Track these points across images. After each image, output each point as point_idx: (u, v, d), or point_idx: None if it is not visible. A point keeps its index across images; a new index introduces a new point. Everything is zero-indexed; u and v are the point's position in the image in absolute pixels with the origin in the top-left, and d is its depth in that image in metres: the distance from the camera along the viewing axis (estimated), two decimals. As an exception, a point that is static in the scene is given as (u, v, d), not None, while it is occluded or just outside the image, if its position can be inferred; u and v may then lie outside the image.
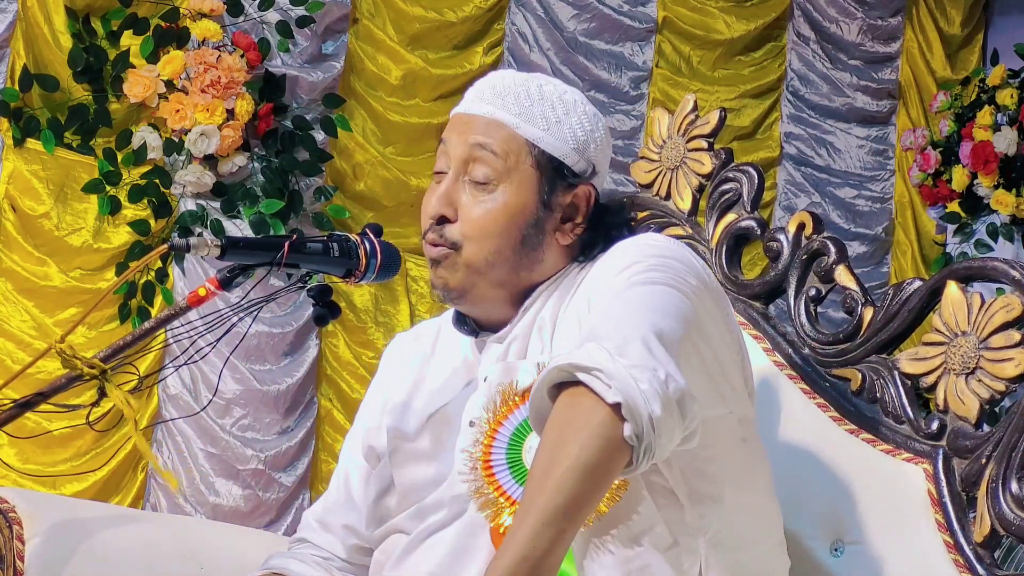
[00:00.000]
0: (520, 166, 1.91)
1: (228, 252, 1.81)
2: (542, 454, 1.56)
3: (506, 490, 1.79)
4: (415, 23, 5.26)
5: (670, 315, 1.69)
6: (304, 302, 4.77)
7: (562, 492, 1.53)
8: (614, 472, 1.57)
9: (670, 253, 1.82)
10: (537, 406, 1.64)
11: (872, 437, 2.15)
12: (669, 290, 1.73)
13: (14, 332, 4.50)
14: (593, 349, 1.58)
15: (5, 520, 2.11)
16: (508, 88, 1.95)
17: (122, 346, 1.82)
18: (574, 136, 1.94)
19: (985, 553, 2.00)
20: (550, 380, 1.61)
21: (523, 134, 1.92)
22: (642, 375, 1.57)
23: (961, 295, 2.07)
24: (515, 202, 1.91)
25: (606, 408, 1.55)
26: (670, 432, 1.59)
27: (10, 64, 4.58)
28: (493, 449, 1.81)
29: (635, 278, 1.75)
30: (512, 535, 1.52)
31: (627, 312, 1.68)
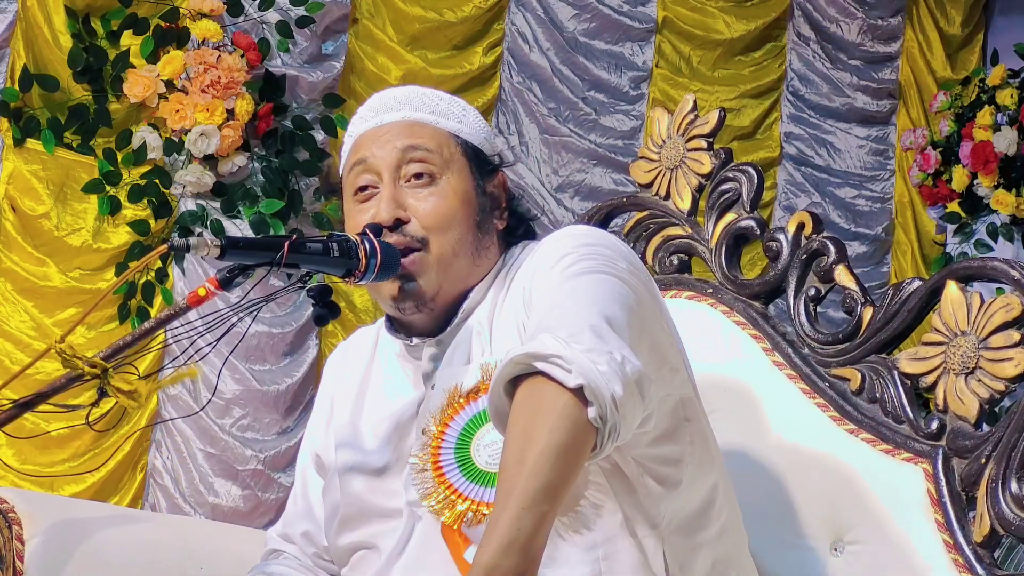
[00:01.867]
0: (454, 156, 1.95)
1: (228, 252, 1.81)
2: (511, 443, 1.56)
3: (456, 487, 1.80)
4: (415, 23, 5.26)
5: (614, 301, 1.70)
6: (304, 302, 4.77)
7: (539, 475, 1.53)
8: (584, 454, 1.58)
9: (598, 241, 1.83)
10: (496, 404, 1.64)
11: (872, 437, 2.15)
12: (608, 278, 1.74)
13: (14, 332, 4.50)
14: (547, 339, 1.59)
15: (5, 520, 2.11)
16: (408, 95, 1.98)
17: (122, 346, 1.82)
18: (481, 127, 2.00)
19: (985, 553, 2.00)
20: (507, 375, 1.61)
21: (444, 127, 1.95)
22: (600, 358, 1.57)
23: (961, 295, 2.08)
24: (461, 188, 1.94)
25: (568, 393, 1.56)
26: (633, 412, 1.60)
27: (10, 64, 4.58)
28: (441, 451, 1.82)
29: (572, 268, 1.76)
30: (494, 523, 1.53)
31: (573, 301, 1.69)
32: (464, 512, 1.78)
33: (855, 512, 2.14)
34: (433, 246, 1.90)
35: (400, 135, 1.94)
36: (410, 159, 1.92)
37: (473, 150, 1.97)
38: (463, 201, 1.93)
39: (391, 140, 1.94)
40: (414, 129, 1.94)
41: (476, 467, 1.80)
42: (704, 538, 1.87)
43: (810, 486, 2.18)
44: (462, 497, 1.79)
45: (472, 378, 1.83)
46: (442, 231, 1.91)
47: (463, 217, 1.92)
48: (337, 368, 2.12)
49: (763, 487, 2.18)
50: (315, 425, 2.11)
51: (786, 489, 2.18)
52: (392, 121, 1.95)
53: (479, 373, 1.83)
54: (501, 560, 1.50)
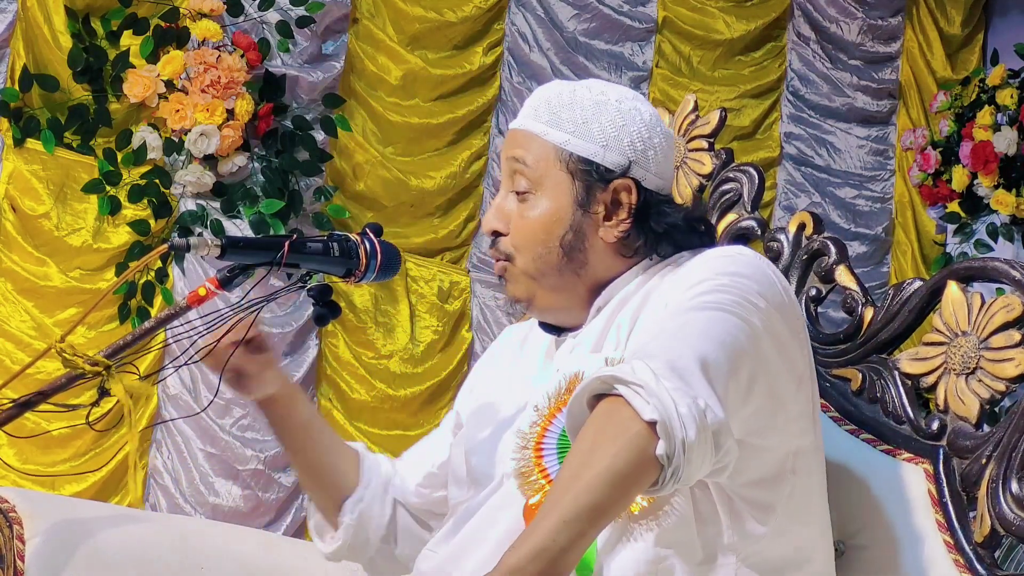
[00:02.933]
0: (550, 172, 1.95)
1: (228, 252, 1.81)
2: (574, 456, 1.59)
3: (550, 473, 1.81)
4: (415, 23, 5.26)
5: (722, 345, 1.70)
6: (304, 302, 4.77)
7: (589, 494, 1.55)
8: (641, 487, 1.59)
9: (747, 271, 1.82)
10: (574, 412, 1.66)
11: (872, 437, 2.15)
12: (729, 317, 1.74)
13: (14, 332, 4.50)
14: (638, 366, 1.61)
15: (5, 520, 2.11)
16: (542, 99, 2.00)
17: (122, 346, 1.82)
18: (604, 134, 1.95)
19: (985, 553, 2.00)
20: (591, 390, 1.64)
21: (550, 140, 1.95)
22: (682, 399, 1.59)
23: (961, 295, 2.07)
24: (550, 208, 1.95)
25: (642, 423, 1.57)
26: (700, 459, 1.61)
27: (10, 64, 4.58)
28: (548, 433, 1.84)
29: (699, 299, 1.76)
30: (534, 526, 1.54)
31: (679, 336, 1.70)
32: None
33: (855, 512, 2.13)
34: (518, 263, 1.96)
35: (514, 144, 1.99)
36: (515, 171, 1.98)
37: (580, 162, 1.95)
38: (548, 221, 1.95)
39: (509, 147, 2.00)
40: (524, 140, 1.98)
41: None
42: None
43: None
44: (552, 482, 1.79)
45: (595, 368, 1.83)
46: (524, 250, 1.96)
47: (545, 238, 1.95)
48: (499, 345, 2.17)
49: (763, 487, 2.17)
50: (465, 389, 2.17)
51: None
52: (516, 127, 2.01)
53: (603, 364, 1.84)
54: (528, 564, 1.52)
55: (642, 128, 1.98)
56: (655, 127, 2.00)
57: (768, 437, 1.79)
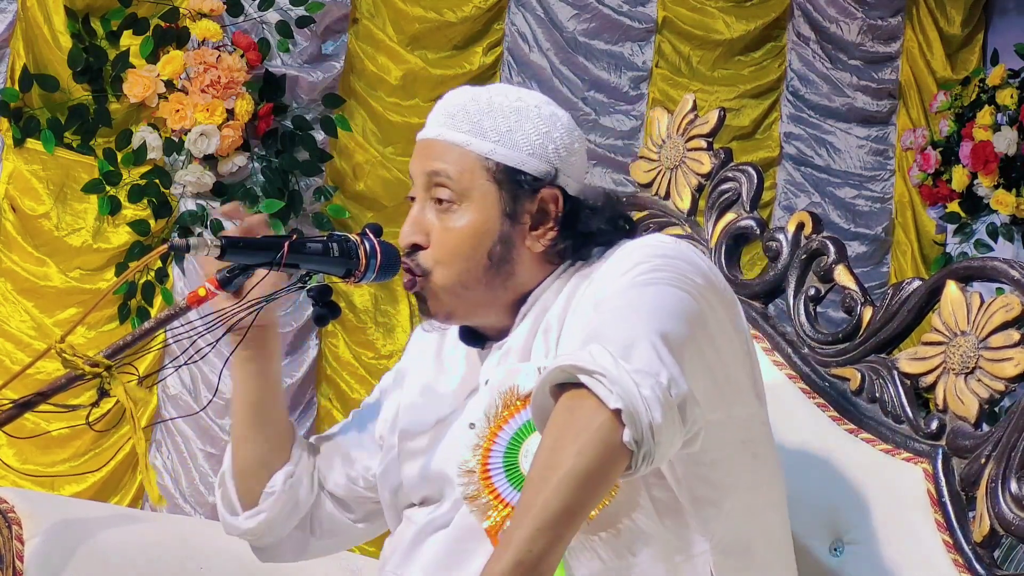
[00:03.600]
0: (476, 183, 1.90)
1: (228, 252, 1.81)
2: (540, 457, 1.56)
3: (501, 494, 1.78)
4: (415, 23, 5.26)
5: (675, 316, 1.68)
6: (304, 302, 4.77)
7: (559, 497, 1.52)
8: (613, 477, 1.57)
9: (675, 253, 1.81)
10: (539, 404, 1.63)
11: (871, 437, 2.15)
12: (674, 290, 1.72)
13: (14, 332, 4.50)
14: (597, 351, 1.58)
15: (5, 520, 2.11)
16: (458, 107, 1.94)
17: (122, 346, 1.82)
18: (528, 142, 1.91)
19: (985, 553, 2.00)
20: (552, 380, 1.61)
21: (474, 150, 1.90)
22: (644, 380, 1.56)
23: (961, 295, 2.07)
24: (477, 220, 1.90)
25: (606, 412, 1.55)
26: (670, 438, 1.59)
27: (10, 64, 4.58)
28: (491, 453, 1.80)
29: (640, 278, 1.75)
30: (508, 539, 1.52)
31: (632, 313, 1.68)
32: (505, 519, 1.76)
33: (855, 512, 2.13)
34: (435, 277, 1.90)
35: (431, 156, 1.92)
36: (434, 183, 1.91)
37: (506, 171, 1.91)
38: (477, 234, 1.90)
39: (424, 158, 1.93)
40: (443, 152, 1.91)
41: (521, 473, 1.78)
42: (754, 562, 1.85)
43: (809, 486, 2.18)
44: (503, 503, 1.77)
45: (530, 380, 1.80)
46: (446, 265, 1.90)
47: (472, 252, 1.89)
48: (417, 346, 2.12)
49: (763, 487, 2.17)
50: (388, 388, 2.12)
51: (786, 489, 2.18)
52: (431, 137, 1.94)
53: (537, 375, 1.79)
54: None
55: (564, 134, 1.95)
56: (573, 131, 1.97)
57: (718, 409, 1.76)
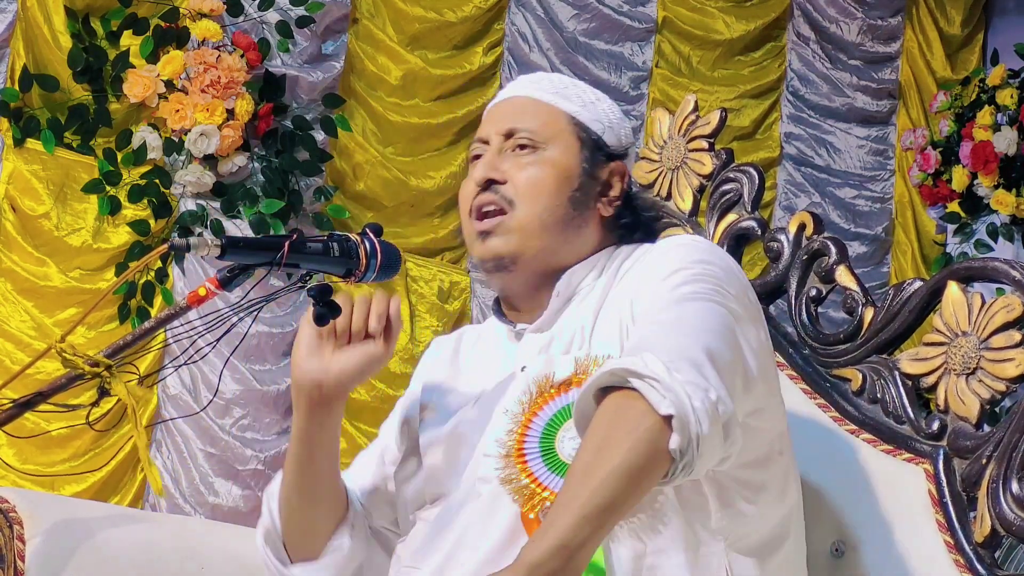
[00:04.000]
0: (561, 133, 1.97)
1: (228, 252, 1.81)
2: (586, 451, 1.58)
3: (538, 478, 1.79)
4: (415, 23, 5.26)
5: (720, 337, 1.71)
6: (304, 302, 4.77)
7: (606, 490, 1.54)
8: (654, 480, 1.59)
9: (713, 259, 1.85)
10: (583, 408, 1.65)
11: (873, 437, 2.15)
12: (717, 308, 1.75)
13: (14, 332, 4.50)
14: (650, 359, 1.60)
15: (6, 520, 2.11)
16: (542, 78, 2.04)
17: (122, 346, 1.82)
18: (607, 117, 2.01)
19: (986, 553, 2.00)
20: (601, 382, 1.63)
21: (561, 107, 1.98)
22: (695, 392, 1.59)
23: (962, 295, 2.07)
24: (562, 162, 1.96)
25: (656, 417, 1.57)
26: (712, 452, 1.61)
27: (10, 64, 4.58)
28: (527, 438, 1.82)
29: (683, 289, 1.77)
30: (551, 523, 1.54)
31: (680, 328, 1.70)
32: (544, 500, 1.77)
33: (856, 513, 2.13)
34: (519, 210, 1.93)
35: (513, 112, 1.98)
36: (517, 128, 1.96)
37: (588, 133, 1.98)
38: (560, 174, 1.95)
39: (504, 115, 1.99)
40: (528, 106, 1.98)
41: (559, 458, 1.80)
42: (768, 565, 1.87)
43: (811, 487, 2.18)
44: (542, 487, 1.78)
45: (566, 369, 1.83)
46: (529, 199, 1.93)
47: (556, 190, 1.94)
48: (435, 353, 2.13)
49: (764, 487, 2.17)
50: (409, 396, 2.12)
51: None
52: (514, 96, 2.00)
53: (573, 366, 1.83)
54: (548, 561, 1.52)
55: (628, 128, 2.05)
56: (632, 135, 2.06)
57: (764, 418, 1.80)
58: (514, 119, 1.97)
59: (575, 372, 1.83)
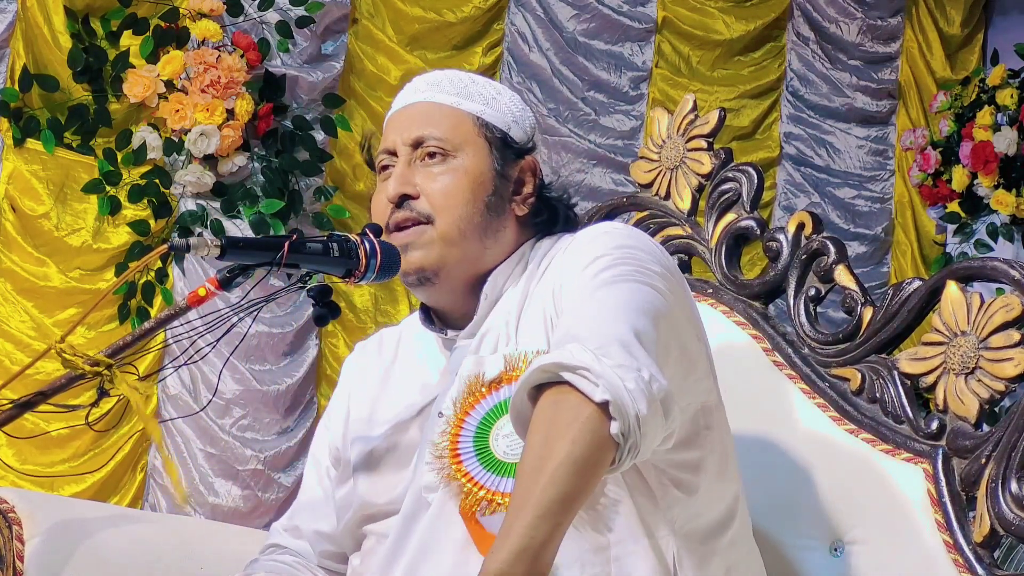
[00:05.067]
0: (469, 137, 1.96)
1: (228, 252, 1.81)
2: (531, 450, 1.57)
3: (474, 476, 1.79)
4: (414, 23, 5.27)
5: (645, 314, 1.70)
6: (304, 302, 4.77)
7: (556, 485, 1.53)
8: (602, 468, 1.58)
9: (633, 242, 1.83)
10: (518, 408, 1.64)
11: (872, 437, 2.15)
12: (640, 287, 1.74)
13: (13, 333, 4.50)
14: (576, 349, 1.59)
15: (5, 520, 2.11)
16: (440, 77, 2.01)
17: (122, 346, 1.82)
18: (511, 110, 2.00)
19: (985, 553, 2.00)
20: (533, 380, 1.61)
21: (465, 108, 1.97)
22: (627, 375, 1.58)
23: (961, 295, 2.08)
24: (474, 168, 1.94)
25: (593, 406, 1.56)
26: (655, 431, 1.60)
27: (10, 64, 4.58)
28: (460, 438, 1.81)
29: (604, 274, 1.76)
30: (508, 528, 1.52)
31: (604, 312, 1.69)
32: (480, 500, 1.77)
33: (855, 512, 2.14)
34: (438, 223, 1.92)
35: (417, 120, 1.96)
36: (424, 137, 1.95)
37: (497, 132, 1.97)
38: (474, 181, 1.94)
39: (410, 123, 1.97)
40: (432, 112, 1.96)
41: (494, 456, 1.79)
42: (718, 545, 1.87)
43: (810, 486, 2.18)
44: (478, 485, 1.78)
45: (495, 367, 1.83)
46: (447, 210, 1.92)
47: (471, 197, 1.93)
48: (356, 364, 2.12)
49: (763, 487, 2.18)
50: (333, 417, 2.11)
51: (786, 489, 2.18)
52: (415, 102, 1.98)
53: (502, 363, 1.83)
54: (511, 567, 1.50)
55: (532, 118, 2.05)
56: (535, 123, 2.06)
57: (683, 397, 1.78)
58: (420, 127, 1.95)
59: (505, 369, 1.82)
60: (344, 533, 2.02)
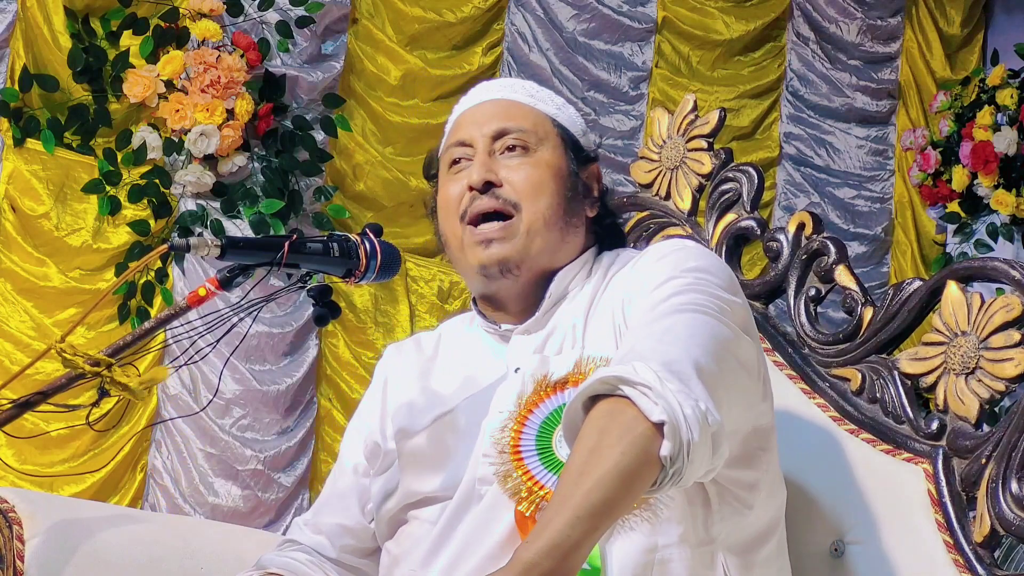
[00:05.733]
0: (549, 134, 1.99)
1: (228, 252, 1.81)
2: (579, 453, 1.58)
3: (535, 475, 1.80)
4: (414, 23, 5.26)
5: (709, 349, 1.71)
6: (304, 302, 4.77)
7: (600, 491, 1.54)
8: (644, 486, 1.59)
9: (705, 263, 1.86)
10: (572, 415, 1.65)
11: (872, 437, 2.15)
12: (708, 320, 1.76)
13: (13, 333, 4.50)
14: (640, 367, 1.61)
15: (5, 520, 2.11)
16: (511, 82, 2.05)
17: (122, 346, 1.82)
18: (578, 121, 2.05)
19: (985, 553, 2.00)
20: (592, 391, 1.63)
21: (541, 109, 2.00)
22: (686, 401, 1.59)
23: (961, 295, 2.07)
24: (555, 163, 1.98)
25: (648, 423, 1.57)
26: (701, 461, 1.61)
27: (10, 64, 4.58)
28: (523, 435, 1.82)
29: (675, 300, 1.78)
30: (546, 523, 1.54)
31: (670, 338, 1.71)
32: (540, 499, 1.78)
33: (855, 512, 2.14)
34: (525, 212, 1.94)
35: (497, 114, 1.99)
36: (506, 130, 1.97)
37: (569, 136, 2.01)
38: (556, 173, 1.96)
39: (489, 118, 1.99)
40: (511, 108, 1.99)
41: (556, 457, 1.80)
42: (759, 557, 1.89)
43: (810, 486, 2.18)
44: (538, 485, 1.79)
45: (563, 368, 1.84)
46: (534, 198, 1.94)
47: (555, 189, 1.96)
48: (392, 362, 2.13)
49: (763, 487, 2.18)
50: (365, 415, 2.12)
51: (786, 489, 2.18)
52: (492, 99, 2.01)
53: (571, 365, 1.84)
54: (542, 560, 1.51)
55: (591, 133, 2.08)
56: None
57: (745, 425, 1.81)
58: (503, 120, 1.98)
59: (573, 371, 1.83)
60: (380, 522, 2.03)
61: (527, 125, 1.98)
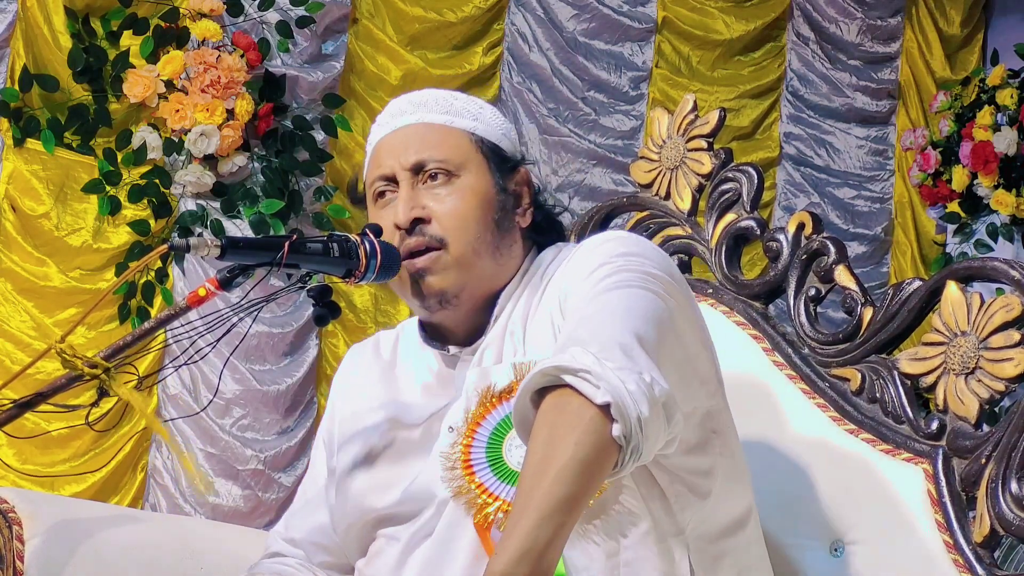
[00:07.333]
0: (469, 154, 1.95)
1: (228, 252, 1.81)
2: (533, 453, 1.56)
3: (487, 487, 1.79)
4: (415, 23, 5.27)
5: (647, 319, 1.69)
6: (304, 302, 4.77)
7: (560, 487, 1.52)
8: (605, 471, 1.58)
9: (636, 248, 1.83)
10: (521, 412, 1.63)
11: (872, 437, 2.15)
12: (642, 292, 1.74)
13: (14, 332, 4.50)
14: (578, 352, 1.58)
15: (5, 520, 2.11)
16: (422, 98, 2.00)
17: (122, 346, 1.82)
18: (497, 124, 2.00)
19: (985, 553, 2.01)
20: (534, 385, 1.61)
21: (458, 126, 1.96)
22: (628, 377, 1.57)
23: (961, 295, 2.08)
24: (479, 187, 1.94)
25: (594, 408, 1.55)
26: (656, 434, 1.60)
27: (10, 64, 4.58)
28: (472, 449, 1.81)
29: (607, 280, 1.76)
30: (512, 530, 1.52)
31: (605, 317, 1.69)
32: (496, 512, 1.77)
33: (855, 512, 2.14)
34: (452, 246, 1.91)
35: (413, 143, 1.95)
36: (425, 160, 1.93)
37: (491, 147, 1.97)
38: (481, 200, 1.93)
39: (406, 147, 1.95)
40: (428, 134, 1.95)
41: (508, 467, 1.79)
42: (729, 546, 1.87)
43: (810, 486, 2.18)
44: (492, 496, 1.78)
45: (505, 378, 1.83)
46: (460, 232, 1.91)
47: (481, 216, 1.92)
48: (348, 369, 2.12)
49: (763, 487, 2.18)
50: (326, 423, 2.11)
51: (786, 489, 2.18)
52: (407, 124, 1.97)
53: (512, 373, 1.83)
54: (515, 568, 1.49)
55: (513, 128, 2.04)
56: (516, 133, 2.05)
57: (687, 402, 1.77)
58: (418, 151, 1.94)
59: (516, 379, 1.82)
60: (349, 541, 2.01)
61: (445, 153, 1.93)
